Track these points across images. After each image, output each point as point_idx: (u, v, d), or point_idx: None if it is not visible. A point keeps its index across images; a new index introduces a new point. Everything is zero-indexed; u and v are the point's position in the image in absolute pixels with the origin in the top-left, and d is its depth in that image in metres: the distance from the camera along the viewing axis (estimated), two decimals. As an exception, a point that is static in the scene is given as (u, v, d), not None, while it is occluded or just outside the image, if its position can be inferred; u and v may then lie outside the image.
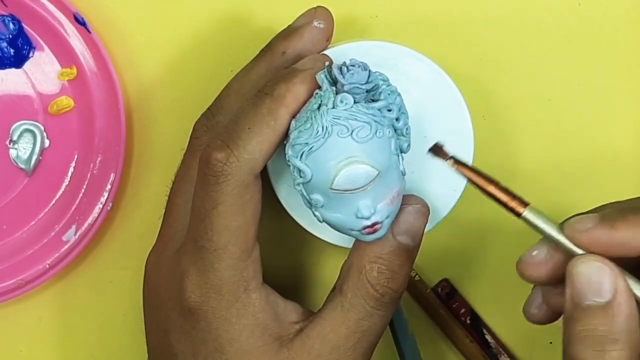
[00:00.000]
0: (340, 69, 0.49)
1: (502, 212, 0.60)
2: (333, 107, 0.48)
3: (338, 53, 0.53)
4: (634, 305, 0.45)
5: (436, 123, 0.54)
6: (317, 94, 0.49)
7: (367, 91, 0.49)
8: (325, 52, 0.54)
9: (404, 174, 0.51)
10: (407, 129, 0.51)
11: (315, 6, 0.55)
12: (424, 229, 0.52)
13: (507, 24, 0.60)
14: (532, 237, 0.49)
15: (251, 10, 0.60)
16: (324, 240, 0.55)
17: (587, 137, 0.61)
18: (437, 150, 0.51)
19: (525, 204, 0.47)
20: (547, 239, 0.47)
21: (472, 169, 0.49)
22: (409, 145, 0.51)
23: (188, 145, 0.55)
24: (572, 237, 0.46)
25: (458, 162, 0.50)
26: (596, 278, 0.44)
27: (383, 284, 0.51)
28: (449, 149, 0.51)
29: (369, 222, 0.50)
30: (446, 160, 0.50)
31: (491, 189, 0.48)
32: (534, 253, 0.49)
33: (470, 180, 0.49)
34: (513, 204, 0.47)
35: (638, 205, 0.47)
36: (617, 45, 0.60)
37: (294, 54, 0.54)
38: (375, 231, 0.50)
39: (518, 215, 0.47)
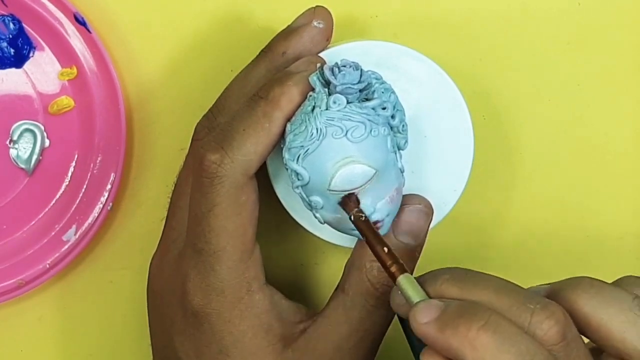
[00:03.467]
0: (332, 70, 0.49)
1: (502, 212, 0.60)
2: (326, 109, 0.48)
3: (338, 53, 0.53)
4: None
5: (436, 123, 0.54)
6: (310, 96, 0.49)
7: (360, 90, 0.49)
8: (325, 52, 0.54)
9: (402, 172, 0.51)
10: (403, 126, 0.51)
11: (314, 6, 0.55)
12: (427, 228, 0.52)
13: (507, 24, 0.60)
14: (531, 237, 0.49)
15: (251, 10, 0.60)
16: (324, 240, 0.55)
17: (587, 136, 0.61)
18: (346, 201, 0.49)
19: (403, 271, 0.47)
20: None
21: (369, 227, 0.49)
22: (406, 142, 0.51)
23: (190, 146, 0.55)
24: (411, 324, 0.45)
25: (359, 219, 0.49)
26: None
27: (383, 283, 0.51)
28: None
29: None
30: (350, 213, 0.49)
31: (379, 249, 0.48)
32: (398, 293, 0.48)
33: (363, 235, 0.49)
34: (393, 268, 0.47)
35: (501, 300, 0.45)
36: (617, 45, 0.60)
37: (294, 55, 0.54)
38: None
39: (394, 279, 0.47)
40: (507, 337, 0.43)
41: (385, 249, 0.48)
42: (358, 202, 0.49)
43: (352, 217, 0.49)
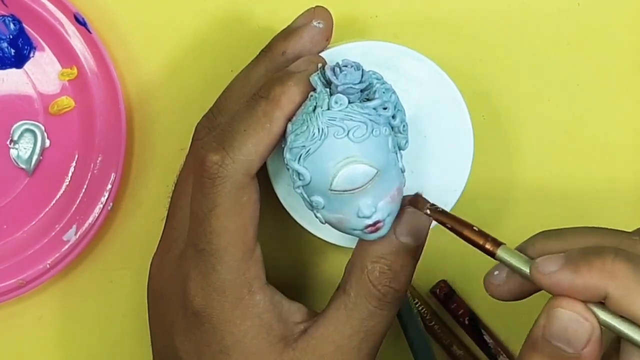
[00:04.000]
0: (333, 69, 0.49)
1: (500, 213, 0.60)
2: (328, 109, 0.48)
3: (338, 53, 0.53)
4: (599, 355, 0.44)
5: (436, 123, 0.54)
6: (311, 96, 0.49)
7: (362, 91, 0.49)
8: (325, 52, 0.54)
9: (403, 171, 0.51)
10: (404, 126, 0.51)
11: (314, 6, 0.55)
12: (428, 228, 0.52)
13: (507, 24, 0.60)
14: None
15: (251, 10, 0.60)
16: (324, 240, 0.55)
17: (587, 136, 0.61)
18: (415, 201, 0.50)
19: (498, 244, 0.47)
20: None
21: (449, 215, 0.49)
22: (407, 142, 0.51)
23: (190, 146, 0.55)
24: (537, 280, 0.45)
25: (436, 211, 0.50)
26: (572, 330, 0.44)
27: (385, 284, 0.51)
28: (428, 197, 0.51)
29: (370, 221, 0.50)
30: (424, 210, 0.50)
31: (467, 232, 0.48)
32: (495, 274, 0.49)
33: (448, 227, 0.49)
34: (487, 245, 0.47)
35: (605, 243, 0.46)
36: (617, 45, 0.60)
37: (294, 54, 0.54)
38: (377, 230, 0.50)
39: (492, 255, 0.47)
40: (638, 262, 0.43)
41: (475, 228, 0.48)
42: (424, 198, 0.50)
43: (429, 212, 0.49)
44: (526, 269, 0.46)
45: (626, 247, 0.45)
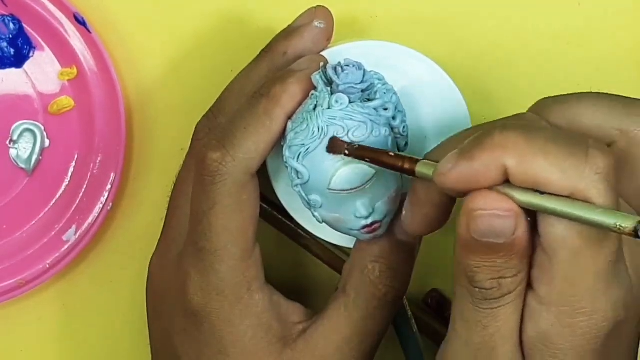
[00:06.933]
0: (335, 69, 0.49)
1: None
2: (328, 108, 0.48)
3: (338, 53, 0.53)
4: (529, 238, 0.44)
5: (436, 123, 0.54)
6: (312, 94, 0.49)
7: (363, 91, 0.49)
8: (325, 52, 0.54)
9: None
10: (404, 127, 0.51)
11: (315, 6, 0.55)
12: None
13: (507, 24, 0.60)
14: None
15: (251, 10, 0.60)
16: (324, 240, 0.55)
17: (587, 137, 0.61)
18: (333, 145, 0.49)
19: (416, 161, 0.46)
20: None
21: (367, 148, 0.48)
22: (407, 143, 0.51)
23: (190, 146, 0.55)
24: (441, 183, 0.44)
25: (354, 148, 0.48)
26: (497, 223, 0.43)
27: (385, 283, 0.51)
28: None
29: (367, 222, 0.50)
30: (343, 151, 0.48)
31: (385, 158, 0.47)
32: (403, 214, 0.48)
33: (367, 160, 0.48)
34: (406, 165, 0.47)
35: (493, 126, 0.44)
36: (617, 45, 0.60)
37: (295, 54, 0.54)
38: (374, 230, 0.50)
39: (413, 174, 0.46)
40: (526, 129, 0.43)
41: (391, 154, 0.47)
42: (341, 140, 0.48)
43: (347, 152, 0.48)
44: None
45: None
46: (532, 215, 0.44)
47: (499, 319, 0.45)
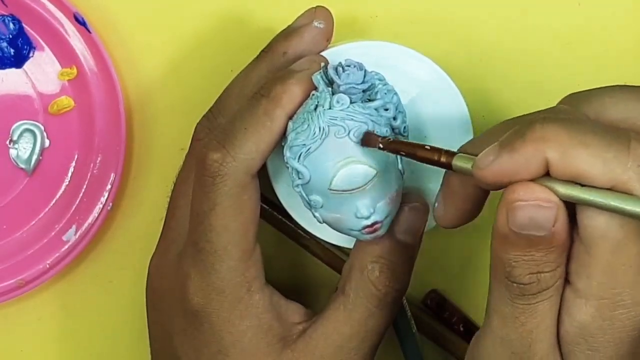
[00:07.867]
0: (336, 69, 0.49)
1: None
2: (329, 108, 0.48)
3: (338, 53, 0.53)
4: (568, 231, 0.44)
5: (436, 123, 0.54)
6: (313, 95, 0.49)
7: (364, 91, 0.50)
8: (325, 52, 0.54)
9: (402, 173, 0.51)
10: (405, 127, 0.51)
11: (315, 6, 0.55)
12: (424, 226, 0.52)
13: (507, 24, 0.60)
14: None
15: (251, 10, 0.60)
16: (324, 240, 0.55)
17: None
18: (367, 139, 0.49)
19: (453, 155, 0.46)
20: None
21: (402, 142, 0.48)
22: (407, 144, 0.51)
23: (190, 147, 0.55)
24: (481, 177, 0.44)
25: (389, 142, 0.48)
26: (538, 215, 0.43)
27: (385, 284, 0.51)
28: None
29: (368, 222, 0.50)
30: (377, 145, 0.48)
31: (421, 152, 0.47)
32: (436, 205, 0.48)
33: (403, 154, 0.48)
34: (442, 159, 0.47)
35: (533, 118, 0.44)
36: (617, 45, 0.60)
37: (294, 55, 0.54)
38: (375, 231, 0.50)
39: (450, 167, 0.46)
40: (567, 121, 0.43)
41: (427, 147, 0.47)
42: (375, 134, 0.49)
43: (381, 146, 0.48)
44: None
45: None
46: (568, 208, 0.43)
47: (537, 315, 0.44)
